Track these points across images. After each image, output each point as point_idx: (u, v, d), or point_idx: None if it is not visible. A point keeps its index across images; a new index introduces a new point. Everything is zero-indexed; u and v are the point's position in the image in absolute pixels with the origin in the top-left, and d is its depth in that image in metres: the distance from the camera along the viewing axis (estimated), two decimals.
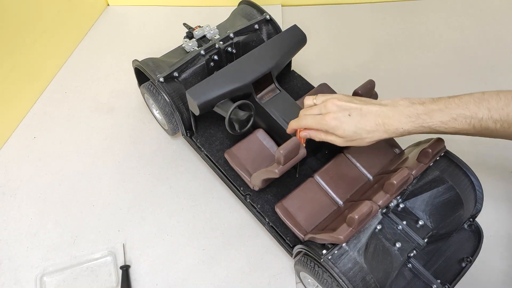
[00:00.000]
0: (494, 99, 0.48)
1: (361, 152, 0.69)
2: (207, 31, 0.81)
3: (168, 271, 0.72)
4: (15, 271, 0.72)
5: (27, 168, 0.84)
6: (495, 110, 0.48)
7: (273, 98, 0.71)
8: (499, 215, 0.76)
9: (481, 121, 0.49)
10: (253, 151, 0.72)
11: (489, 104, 0.48)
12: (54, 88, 0.97)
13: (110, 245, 0.74)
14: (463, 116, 0.49)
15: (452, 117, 0.50)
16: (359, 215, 0.51)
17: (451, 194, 0.60)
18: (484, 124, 0.49)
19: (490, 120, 0.48)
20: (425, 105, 0.52)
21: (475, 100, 0.49)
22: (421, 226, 0.57)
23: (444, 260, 0.61)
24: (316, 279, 0.57)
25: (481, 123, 0.49)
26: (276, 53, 0.73)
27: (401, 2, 1.15)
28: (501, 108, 0.48)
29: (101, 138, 0.88)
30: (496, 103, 0.48)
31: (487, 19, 1.09)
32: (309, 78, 0.87)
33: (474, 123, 0.49)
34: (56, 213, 0.78)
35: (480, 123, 0.49)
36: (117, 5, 1.15)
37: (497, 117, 0.48)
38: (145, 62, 0.76)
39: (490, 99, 0.49)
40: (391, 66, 1.00)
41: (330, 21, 1.11)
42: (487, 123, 0.49)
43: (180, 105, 0.74)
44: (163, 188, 0.81)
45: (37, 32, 0.90)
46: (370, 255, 0.54)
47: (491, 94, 0.49)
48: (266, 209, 0.69)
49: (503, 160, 0.84)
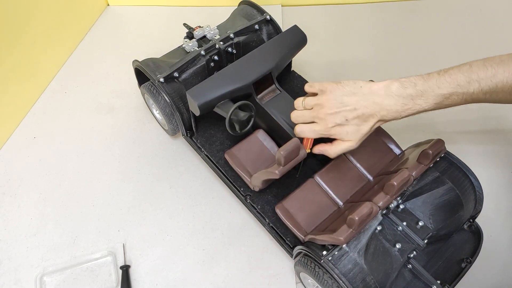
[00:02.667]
0: (482, 70, 0.50)
1: (361, 153, 0.69)
2: (207, 31, 0.81)
3: (168, 271, 0.72)
4: (15, 271, 0.72)
5: (27, 168, 0.84)
6: (484, 81, 0.49)
7: (274, 99, 0.71)
8: (499, 216, 0.76)
9: (472, 95, 0.50)
10: (253, 152, 0.72)
11: (478, 77, 0.50)
12: (54, 88, 0.97)
13: (110, 245, 0.74)
14: (456, 94, 0.51)
15: (446, 97, 0.51)
16: (359, 216, 0.51)
17: (451, 195, 0.60)
18: (475, 96, 0.51)
19: (481, 93, 0.50)
20: (417, 87, 0.52)
21: (464, 74, 0.50)
22: (421, 227, 0.57)
23: (444, 261, 0.61)
24: (316, 280, 0.57)
25: (472, 97, 0.51)
26: (276, 54, 0.73)
27: (401, 2, 1.15)
28: (489, 79, 0.49)
29: (101, 138, 0.88)
30: (484, 74, 0.49)
31: (487, 19, 1.09)
32: (309, 78, 0.87)
33: (465, 98, 0.51)
34: (56, 213, 0.78)
35: (472, 96, 0.51)
36: (117, 5, 1.15)
37: (487, 89, 0.49)
38: (145, 62, 0.76)
39: (478, 71, 0.50)
40: (391, 66, 1.00)
41: (330, 21, 1.11)
42: (478, 95, 0.50)
43: (180, 106, 0.74)
44: (163, 188, 0.81)
45: (37, 32, 0.90)
46: (370, 256, 0.54)
47: (478, 65, 0.50)
48: (266, 209, 0.69)
49: (503, 160, 0.84)
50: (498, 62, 0.49)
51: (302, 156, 0.60)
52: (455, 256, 0.62)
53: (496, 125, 0.89)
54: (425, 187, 0.60)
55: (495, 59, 0.50)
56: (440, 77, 0.51)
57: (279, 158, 0.57)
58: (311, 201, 0.66)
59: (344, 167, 0.69)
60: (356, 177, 0.68)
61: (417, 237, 0.56)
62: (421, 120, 0.89)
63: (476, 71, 0.50)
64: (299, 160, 0.60)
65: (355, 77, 0.98)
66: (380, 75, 0.97)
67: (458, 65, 0.52)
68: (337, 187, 0.67)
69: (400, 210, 0.59)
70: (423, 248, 0.57)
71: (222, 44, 0.76)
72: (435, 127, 0.89)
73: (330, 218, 0.64)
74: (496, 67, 0.49)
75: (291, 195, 0.66)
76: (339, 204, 0.66)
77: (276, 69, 0.73)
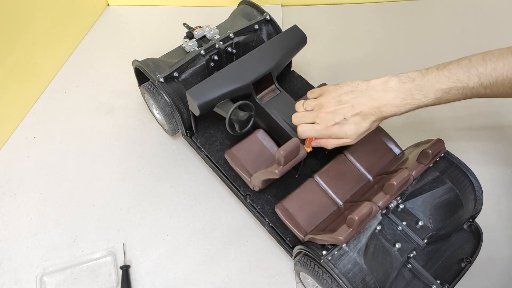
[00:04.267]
0: (481, 65, 0.49)
1: (361, 153, 0.69)
2: (207, 31, 0.81)
3: (168, 271, 0.72)
4: (15, 271, 0.72)
5: (27, 168, 0.84)
6: (484, 76, 0.49)
7: (274, 99, 0.71)
8: (499, 216, 0.76)
9: (472, 89, 0.50)
10: (253, 152, 0.72)
11: (477, 71, 0.49)
12: (54, 88, 0.97)
13: (110, 245, 0.74)
14: (456, 88, 0.51)
15: (445, 91, 0.51)
16: (359, 216, 0.51)
17: (451, 195, 0.60)
18: (475, 91, 0.50)
19: (481, 87, 0.50)
20: (416, 82, 0.52)
21: (463, 69, 0.50)
22: (421, 226, 0.57)
23: (444, 260, 0.61)
24: (316, 279, 0.57)
25: (472, 91, 0.50)
26: (276, 54, 0.73)
27: (401, 2, 1.15)
28: (489, 74, 0.49)
29: (101, 138, 0.88)
30: (484, 69, 0.49)
31: (487, 19, 1.09)
32: (309, 78, 0.87)
33: (466, 92, 0.51)
34: (56, 213, 0.78)
35: (472, 91, 0.50)
36: (117, 5, 1.15)
37: (487, 83, 0.49)
38: (145, 62, 0.76)
39: (477, 65, 0.50)
40: (391, 66, 1.00)
41: (330, 21, 1.11)
42: (478, 90, 0.50)
43: (180, 105, 0.74)
44: (163, 188, 0.81)
45: (37, 32, 0.90)
46: (370, 256, 0.54)
47: (477, 59, 0.50)
48: (266, 209, 0.69)
49: (503, 160, 0.84)
50: (498, 56, 0.49)
51: (302, 156, 0.60)
52: (455, 256, 0.62)
53: (497, 123, 0.89)
54: (425, 187, 0.60)
55: (494, 53, 0.49)
56: (439, 72, 0.51)
57: (279, 158, 0.57)
58: (311, 201, 0.66)
59: (344, 167, 0.69)
60: (356, 177, 0.68)
61: (416, 237, 0.56)
62: (420, 119, 0.89)
63: (475, 65, 0.50)
64: (299, 160, 0.60)
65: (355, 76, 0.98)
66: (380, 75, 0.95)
67: (457, 60, 0.51)
68: (337, 187, 0.67)
69: (400, 210, 0.59)
70: (423, 248, 0.57)
71: (222, 44, 0.76)
72: (435, 126, 0.89)
73: (330, 218, 0.64)
74: (496, 61, 0.49)
75: (291, 195, 0.66)
76: (339, 204, 0.66)
77: (276, 69, 0.73)
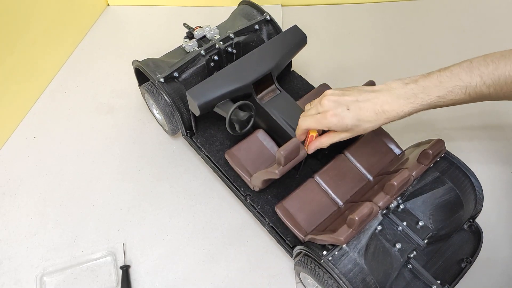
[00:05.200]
0: (483, 65, 0.50)
1: (361, 153, 0.69)
2: (207, 31, 0.81)
3: (168, 271, 0.72)
4: (15, 271, 0.72)
5: (27, 168, 0.84)
6: (486, 75, 0.49)
7: (274, 99, 0.71)
8: (499, 216, 0.76)
9: (476, 88, 0.50)
10: (253, 152, 0.72)
11: (479, 71, 0.50)
12: (54, 88, 0.97)
13: (110, 245, 0.74)
14: (459, 87, 0.51)
15: (448, 90, 0.51)
16: (359, 216, 0.51)
17: (451, 195, 0.60)
18: (478, 90, 0.50)
19: (484, 86, 0.50)
20: (419, 83, 0.53)
21: (465, 70, 0.51)
22: (421, 227, 0.57)
23: (444, 260, 0.61)
24: (317, 280, 0.57)
25: (475, 91, 0.51)
26: (276, 54, 0.73)
27: (401, 2, 1.15)
28: (491, 73, 0.49)
29: (101, 138, 0.88)
30: (486, 68, 0.50)
31: (487, 19, 1.09)
32: (309, 79, 0.87)
33: (469, 92, 0.51)
34: (56, 213, 0.78)
35: (475, 90, 0.50)
36: (117, 5, 1.15)
37: (490, 82, 0.50)
38: (145, 62, 0.76)
39: (479, 66, 0.50)
40: (391, 66, 1.00)
41: (330, 21, 1.11)
42: (481, 89, 0.50)
43: (180, 106, 0.74)
44: (163, 188, 0.81)
45: (37, 32, 0.90)
46: (370, 256, 0.54)
47: (479, 60, 0.50)
48: (266, 209, 0.69)
49: (503, 160, 0.84)
50: (499, 57, 0.49)
51: (302, 156, 0.60)
52: (455, 256, 0.62)
53: (497, 123, 0.89)
54: (425, 187, 0.60)
55: (496, 54, 0.50)
56: (441, 73, 0.52)
57: (279, 158, 0.57)
58: (311, 201, 0.66)
59: (344, 167, 0.68)
60: (356, 177, 0.68)
61: (417, 237, 0.56)
62: (421, 119, 0.89)
63: (477, 66, 0.50)
64: (299, 160, 0.60)
65: (355, 76, 0.99)
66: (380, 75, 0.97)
67: (458, 62, 0.52)
68: (337, 187, 0.67)
69: (400, 210, 0.59)
70: (423, 248, 0.57)
71: (222, 44, 0.76)
72: (435, 126, 0.89)
73: (330, 218, 0.64)
74: (497, 62, 0.49)
75: (291, 195, 0.66)
76: (339, 204, 0.66)
77: (276, 69, 0.73)
